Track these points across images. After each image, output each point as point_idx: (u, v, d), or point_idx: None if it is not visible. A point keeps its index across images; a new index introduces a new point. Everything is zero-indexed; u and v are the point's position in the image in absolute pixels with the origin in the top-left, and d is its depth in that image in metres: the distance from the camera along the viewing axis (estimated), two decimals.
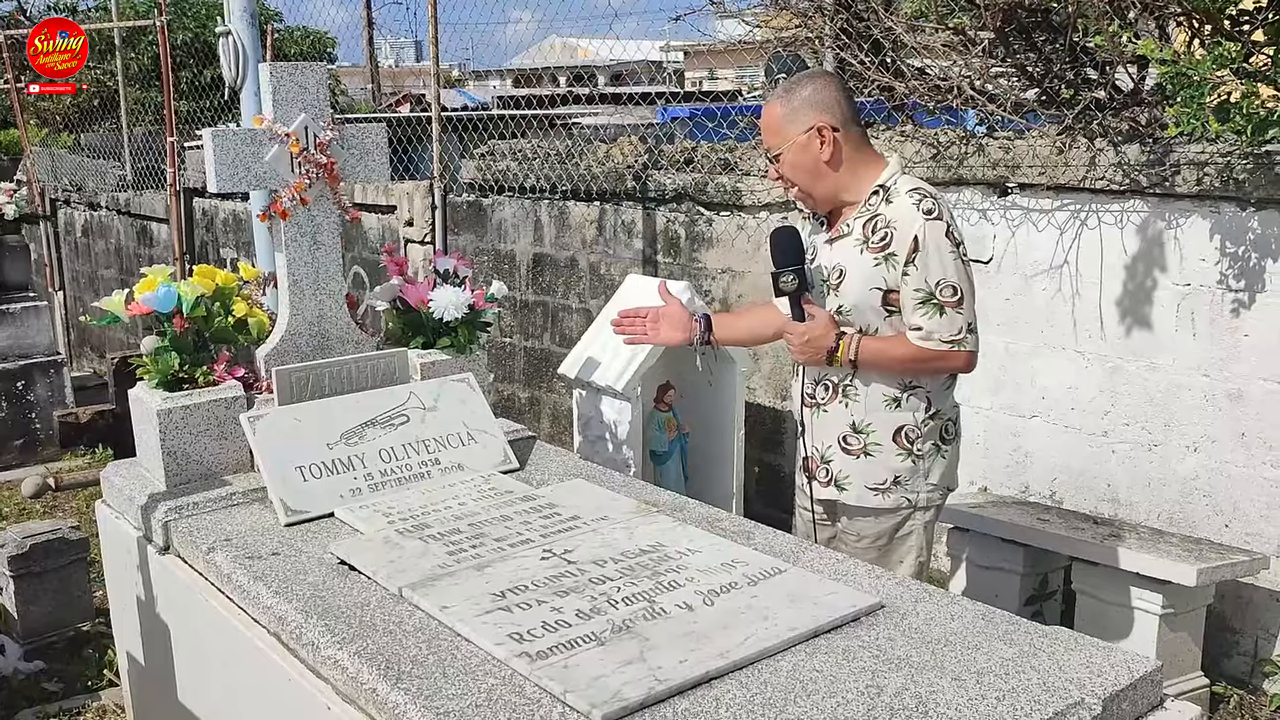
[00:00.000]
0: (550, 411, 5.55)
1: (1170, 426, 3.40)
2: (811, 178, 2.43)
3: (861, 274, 2.39)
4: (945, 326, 2.34)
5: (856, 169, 2.43)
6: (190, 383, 2.75)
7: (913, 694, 1.75)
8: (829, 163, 2.41)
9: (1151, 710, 1.84)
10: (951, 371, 2.44)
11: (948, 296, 2.33)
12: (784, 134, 2.43)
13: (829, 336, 2.40)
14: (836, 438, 2.50)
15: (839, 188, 2.44)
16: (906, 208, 2.34)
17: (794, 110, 2.41)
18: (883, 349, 2.39)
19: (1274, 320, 3.15)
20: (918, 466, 2.46)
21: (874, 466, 2.47)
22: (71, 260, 10.29)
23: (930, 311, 2.34)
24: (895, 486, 2.46)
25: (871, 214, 2.40)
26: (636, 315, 2.69)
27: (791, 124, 2.41)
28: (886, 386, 2.43)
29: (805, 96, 2.41)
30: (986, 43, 3.68)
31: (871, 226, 2.39)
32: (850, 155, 2.42)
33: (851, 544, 2.54)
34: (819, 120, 2.39)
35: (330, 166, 2.82)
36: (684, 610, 1.99)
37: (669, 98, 8.33)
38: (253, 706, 2.26)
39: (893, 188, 2.39)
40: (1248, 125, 2.91)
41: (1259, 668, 3.30)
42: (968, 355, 2.38)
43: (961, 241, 2.37)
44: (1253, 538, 3.24)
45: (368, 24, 11.77)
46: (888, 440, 2.45)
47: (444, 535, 2.37)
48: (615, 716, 1.67)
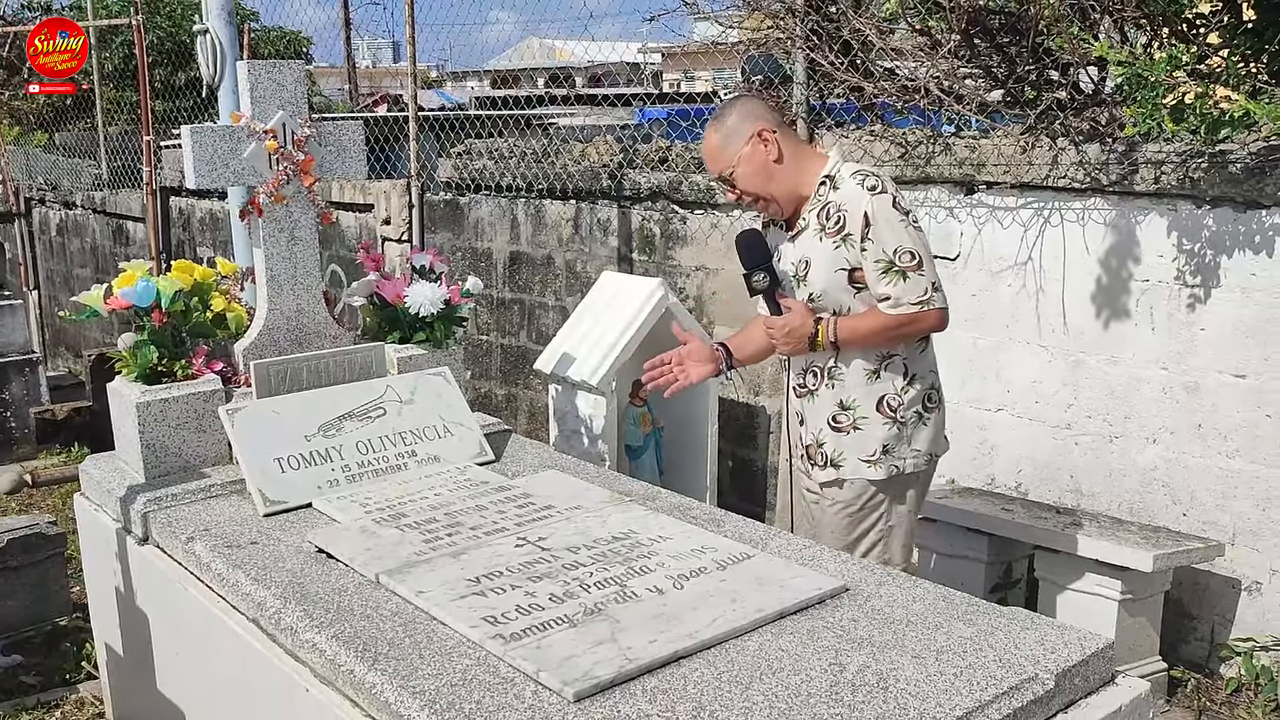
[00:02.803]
0: (527, 408, 5.59)
1: (1130, 419, 3.49)
2: (766, 180, 2.57)
3: (824, 260, 2.52)
4: (911, 290, 2.45)
5: (802, 164, 2.58)
6: (169, 376, 2.79)
7: (874, 671, 1.81)
8: (778, 161, 2.55)
9: (1103, 686, 1.92)
10: (927, 331, 2.55)
11: (907, 262, 2.45)
12: (728, 152, 2.58)
13: (807, 324, 2.53)
14: (826, 419, 2.61)
15: (795, 183, 2.57)
16: (852, 189, 2.49)
17: (730, 130, 2.57)
18: (858, 324, 2.51)
19: (1228, 314, 3.24)
20: (902, 434, 2.56)
21: (864, 439, 2.57)
22: (46, 259, 10.23)
23: (893, 279, 2.46)
24: (884, 455, 2.56)
25: (822, 203, 2.54)
26: (662, 362, 2.75)
27: (733, 142, 2.57)
28: (865, 361, 2.55)
29: (736, 115, 2.58)
30: (953, 44, 3.76)
31: (825, 214, 2.53)
32: (793, 153, 2.58)
33: (826, 509, 2.65)
34: (756, 127, 2.55)
35: (308, 163, 2.86)
36: (654, 594, 2.05)
37: (645, 99, 8.39)
38: (232, 692, 2.31)
39: (837, 175, 2.54)
40: (1202, 125, 3.00)
41: (1215, 652, 3.39)
42: (938, 312, 2.49)
43: (910, 211, 2.50)
44: (1209, 526, 3.34)
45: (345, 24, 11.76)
46: (872, 412, 2.56)
47: (420, 524, 2.42)
48: (587, 694, 1.73)
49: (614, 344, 3.89)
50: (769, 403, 4.46)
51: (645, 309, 3.92)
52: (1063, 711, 1.83)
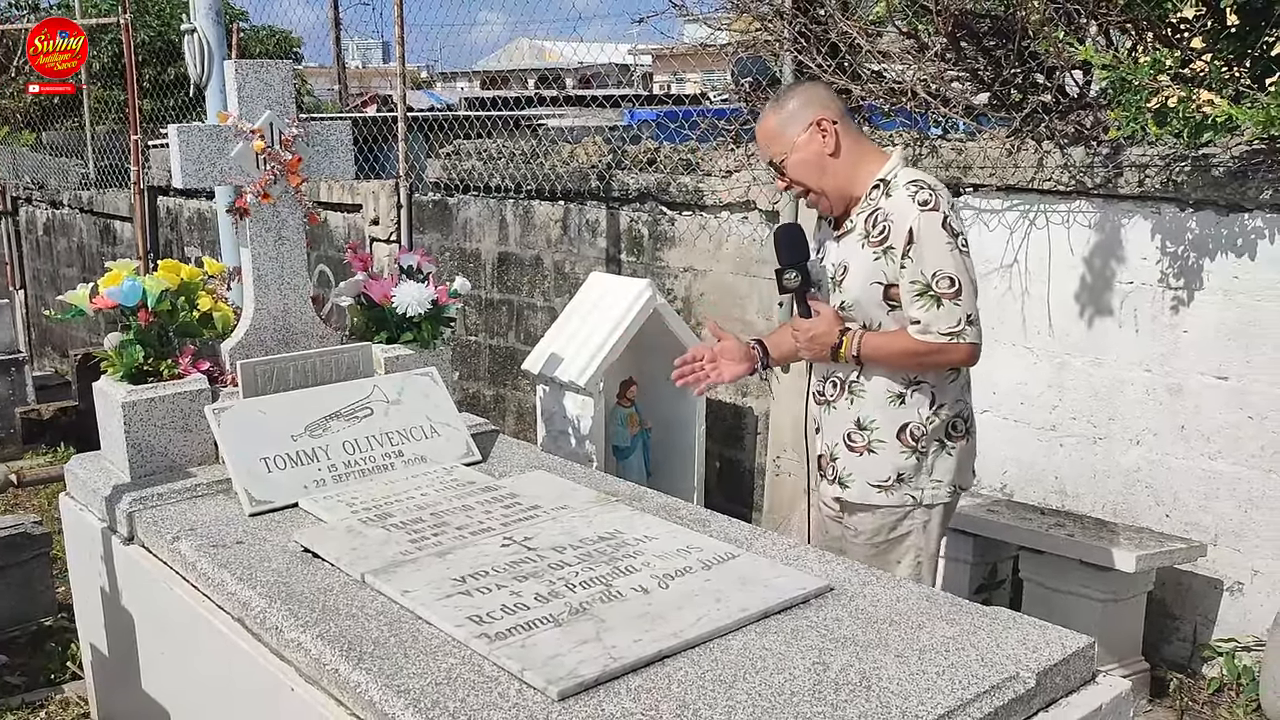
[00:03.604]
0: (515, 409, 5.59)
1: (1114, 420, 3.51)
2: (819, 174, 2.42)
3: (863, 269, 2.39)
4: (944, 318, 2.31)
5: (858, 161, 2.42)
6: (155, 376, 2.79)
7: (857, 670, 1.83)
8: (834, 155, 2.40)
9: (1084, 684, 1.94)
10: (953, 365, 2.39)
11: (944, 288, 2.30)
12: (784, 138, 2.43)
13: (832, 333, 2.40)
14: (842, 435, 2.48)
15: (848, 180, 2.42)
16: (903, 200, 2.33)
17: (790, 114, 2.42)
18: (884, 344, 2.37)
19: (1211, 317, 3.27)
20: (921, 464, 2.41)
21: (877, 463, 2.43)
22: (33, 258, 10.19)
23: (927, 304, 2.31)
24: (899, 484, 2.42)
25: (872, 208, 2.39)
26: (695, 359, 2.59)
27: (789, 127, 2.42)
28: (891, 382, 2.40)
29: (798, 99, 2.43)
30: (940, 47, 3.78)
31: (872, 221, 2.38)
32: (850, 147, 2.42)
33: (850, 540, 2.52)
34: (817, 115, 2.40)
35: (295, 163, 2.86)
36: (639, 593, 2.06)
37: (635, 101, 8.40)
38: (217, 692, 2.30)
39: (892, 180, 2.38)
40: (1185, 129, 3.02)
41: (1198, 652, 3.42)
42: (969, 348, 2.34)
43: (961, 233, 2.34)
44: (1192, 527, 3.36)
45: (334, 24, 11.73)
46: (891, 438, 2.41)
47: (407, 524, 2.42)
48: (571, 692, 1.73)
49: (602, 345, 3.89)
50: (756, 404, 4.48)
51: (633, 310, 3.93)
52: (1044, 710, 1.85)
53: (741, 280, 4.45)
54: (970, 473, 2.53)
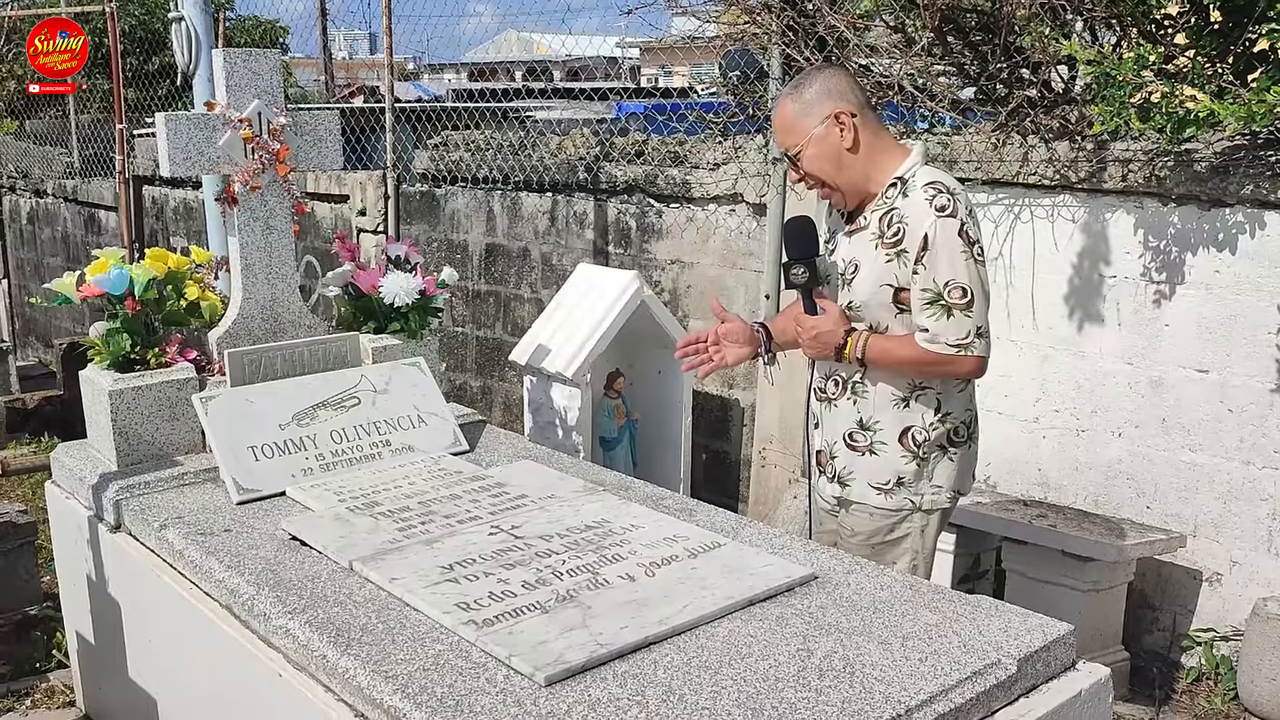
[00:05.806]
0: (502, 400, 5.60)
1: (1096, 413, 3.55)
2: (835, 168, 2.32)
3: (874, 270, 2.31)
4: (952, 329, 2.23)
5: (876, 156, 2.33)
6: (142, 364, 2.78)
7: (841, 656, 1.85)
8: (851, 149, 2.30)
9: (1064, 671, 1.96)
10: (958, 376, 2.33)
11: (956, 298, 2.22)
12: (800, 129, 2.32)
13: (837, 333, 2.34)
14: (843, 434, 2.44)
15: (864, 176, 2.33)
16: (920, 203, 2.24)
17: (807, 104, 2.32)
18: (889, 349, 2.31)
19: (1192, 310, 3.31)
20: (923, 469, 2.37)
21: (879, 465, 2.39)
22: (17, 248, 10.12)
23: (937, 313, 2.24)
24: (899, 487, 2.38)
25: (888, 207, 2.30)
26: (697, 340, 2.50)
27: (807, 117, 2.31)
28: (894, 386, 2.35)
29: (817, 88, 2.32)
30: (926, 42, 3.80)
31: (887, 221, 2.29)
32: (870, 142, 2.32)
33: (847, 539, 2.49)
34: (836, 107, 2.29)
35: (283, 152, 2.86)
36: (626, 581, 2.07)
37: (623, 93, 8.40)
38: (204, 679, 2.31)
39: (910, 180, 2.29)
40: (1168, 124, 3.05)
41: (1177, 642, 3.46)
42: (976, 361, 2.27)
43: (977, 241, 2.26)
44: (1172, 518, 3.40)
45: (321, 14, 11.72)
46: (893, 441, 2.37)
47: (394, 513, 2.43)
48: (557, 678, 1.75)
49: (589, 336, 3.90)
50: (743, 396, 4.50)
51: (620, 302, 3.94)
52: (1025, 695, 1.87)
53: (728, 273, 4.47)
54: (970, 478, 2.49)
